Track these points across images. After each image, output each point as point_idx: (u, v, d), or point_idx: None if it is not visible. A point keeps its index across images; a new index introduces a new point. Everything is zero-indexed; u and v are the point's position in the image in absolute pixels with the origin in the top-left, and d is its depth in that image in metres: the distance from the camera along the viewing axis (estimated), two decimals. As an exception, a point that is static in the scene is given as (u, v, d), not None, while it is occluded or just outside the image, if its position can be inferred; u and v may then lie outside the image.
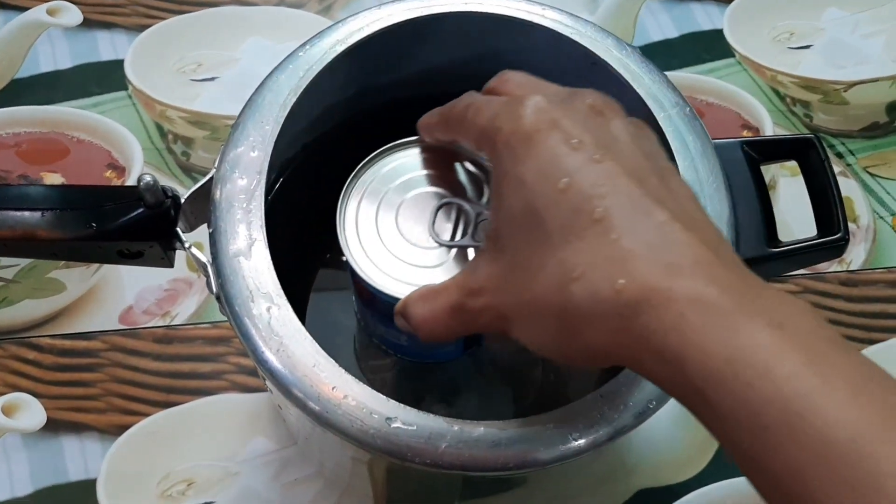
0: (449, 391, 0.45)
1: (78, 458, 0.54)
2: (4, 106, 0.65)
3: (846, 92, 0.69)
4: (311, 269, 0.47)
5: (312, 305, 0.46)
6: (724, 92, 0.69)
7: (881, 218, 0.65)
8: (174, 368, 0.57)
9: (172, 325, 0.58)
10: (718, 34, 0.71)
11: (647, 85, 0.42)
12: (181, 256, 0.42)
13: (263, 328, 0.36)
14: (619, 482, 0.55)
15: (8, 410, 0.55)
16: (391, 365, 0.45)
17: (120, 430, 0.55)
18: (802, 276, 0.62)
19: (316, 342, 0.36)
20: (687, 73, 0.69)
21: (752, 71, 0.70)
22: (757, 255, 0.40)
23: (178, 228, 0.40)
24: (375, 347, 0.43)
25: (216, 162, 0.40)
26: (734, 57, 0.70)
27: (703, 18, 0.72)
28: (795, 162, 0.43)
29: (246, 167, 0.39)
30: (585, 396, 0.36)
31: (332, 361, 0.36)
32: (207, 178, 0.40)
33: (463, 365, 0.45)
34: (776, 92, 0.69)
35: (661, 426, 0.55)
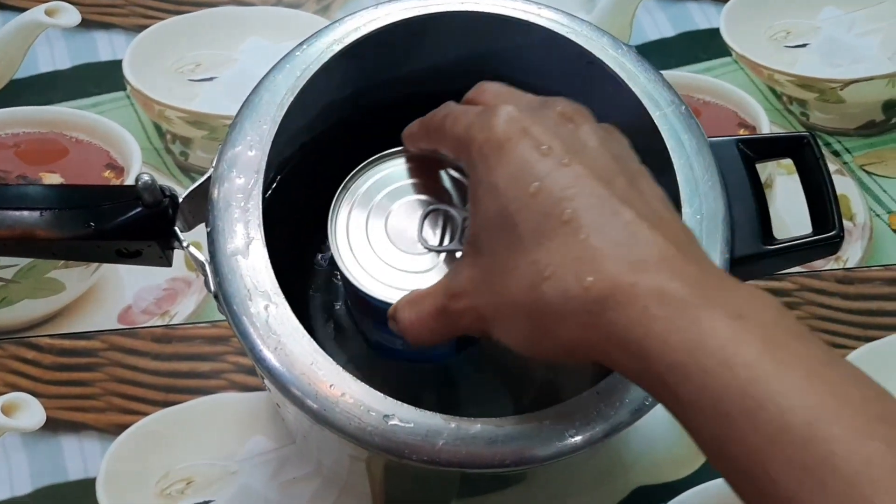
0: (446, 388, 0.46)
1: (77, 457, 0.54)
2: (3, 106, 0.65)
3: (842, 90, 0.70)
4: (308, 267, 0.47)
5: (310, 304, 0.46)
6: (720, 91, 0.69)
7: (877, 216, 0.65)
8: (173, 368, 0.57)
9: (171, 324, 0.58)
10: (715, 33, 0.71)
11: (642, 84, 0.42)
12: (179, 256, 0.42)
13: (261, 326, 0.36)
14: (616, 479, 0.56)
15: (7, 410, 0.55)
16: (389, 363, 0.45)
17: (119, 429, 0.55)
18: (799, 273, 0.62)
19: (314, 340, 0.36)
20: (684, 71, 0.69)
21: (748, 70, 0.70)
22: (752, 252, 0.40)
23: (176, 227, 0.40)
24: (372, 346, 0.43)
25: (214, 161, 0.40)
26: (731, 56, 0.71)
27: (699, 17, 0.72)
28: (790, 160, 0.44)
29: (244, 166, 0.39)
30: (582, 393, 0.36)
31: (329, 359, 0.36)
32: (205, 177, 0.40)
33: (460, 362, 0.45)
34: (773, 90, 0.69)
35: (658, 423, 0.55)
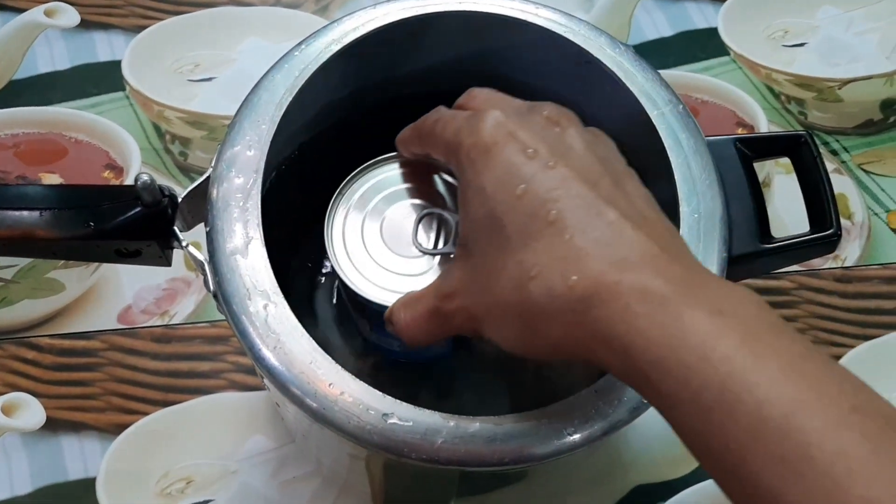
0: (445, 387, 0.46)
1: (77, 457, 0.54)
2: (2, 107, 0.65)
3: (840, 89, 0.70)
4: (307, 266, 0.47)
5: (309, 303, 0.46)
6: (718, 90, 0.69)
7: (875, 215, 0.65)
8: (173, 367, 0.57)
9: (171, 324, 0.58)
10: (713, 32, 0.72)
11: (640, 83, 0.42)
12: (179, 255, 0.42)
13: (260, 326, 0.36)
14: (616, 478, 0.56)
15: (7, 410, 0.55)
16: (387, 361, 0.45)
17: (119, 429, 0.55)
18: (797, 272, 0.62)
19: (313, 339, 0.36)
20: (682, 71, 0.70)
21: (746, 69, 0.70)
22: (749, 250, 0.40)
23: (175, 227, 0.40)
24: (370, 345, 0.43)
25: (213, 161, 0.40)
26: (729, 55, 0.71)
27: (697, 17, 0.72)
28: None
29: (242, 166, 0.39)
30: (580, 392, 0.36)
31: (328, 358, 0.36)
32: (204, 177, 0.40)
33: (459, 361, 0.45)
34: (771, 90, 0.69)
35: (657, 422, 0.54)
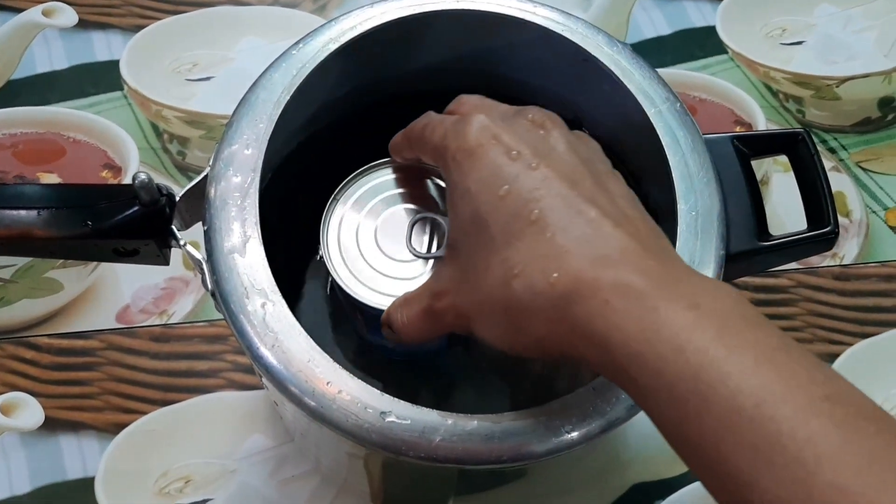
0: (443, 385, 0.46)
1: (76, 456, 0.54)
2: (1, 107, 0.65)
3: (838, 87, 0.70)
4: (305, 265, 0.47)
5: (307, 301, 0.46)
6: (716, 88, 0.69)
7: (873, 212, 0.65)
8: (171, 367, 0.57)
9: (169, 323, 0.58)
10: (711, 31, 0.72)
11: (637, 81, 0.42)
12: (177, 255, 0.42)
13: (258, 324, 0.36)
14: (614, 476, 0.56)
15: (6, 410, 0.55)
16: (385, 359, 0.45)
17: (118, 428, 0.55)
18: (795, 270, 0.62)
19: (310, 338, 0.36)
20: (680, 69, 0.70)
21: (744, 67, 0.70)
22: (747, 248, 0.40)
23: (173, 226, 0.40)
24: (368, 342, 0.44)
25: (211, 160, 0.40)
26: (727, 53, 0.71)
27: (695, 15, 0.72)
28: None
29: (240, 165, 0.39)
30: (578, 390, 0.36)
31: (326, 357, 0.36)
32: (202, 175, 0.40)
33: (457, 359, 0.45)
34: (769, 88, 0.69)
35: (655, 420, 0.55)
